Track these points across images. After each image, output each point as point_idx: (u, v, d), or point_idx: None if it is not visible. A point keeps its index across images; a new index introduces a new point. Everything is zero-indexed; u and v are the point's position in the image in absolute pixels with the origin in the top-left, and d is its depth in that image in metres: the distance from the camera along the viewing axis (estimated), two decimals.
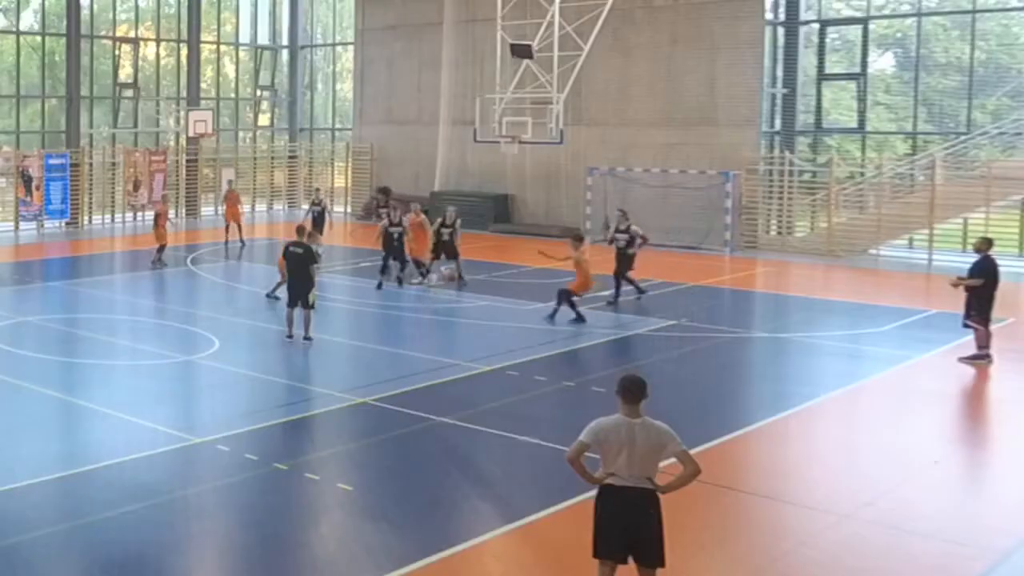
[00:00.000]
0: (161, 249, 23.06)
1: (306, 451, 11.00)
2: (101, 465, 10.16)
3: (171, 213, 33.06)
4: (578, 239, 17.91)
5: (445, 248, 20.87)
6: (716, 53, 27.24)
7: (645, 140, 28.37)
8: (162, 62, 35.32)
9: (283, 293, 16.41)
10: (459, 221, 21.31)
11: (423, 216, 21.79)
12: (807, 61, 28.73)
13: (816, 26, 28.62)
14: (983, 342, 14.50)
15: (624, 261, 19.06)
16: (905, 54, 28.12)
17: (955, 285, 14.77)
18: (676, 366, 14.53)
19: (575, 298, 17.14)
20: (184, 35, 34.74)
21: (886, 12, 28.94)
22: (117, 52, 33.75)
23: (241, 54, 37.59)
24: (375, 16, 34.52)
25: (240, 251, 25.90)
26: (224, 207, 27.93)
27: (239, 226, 26.65)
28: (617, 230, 19.36)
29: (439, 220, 21.18)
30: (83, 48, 32.52)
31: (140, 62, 34.37)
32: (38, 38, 32.51)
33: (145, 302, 19.42)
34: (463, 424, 11.54)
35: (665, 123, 28.13)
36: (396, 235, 20.43)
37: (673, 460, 6.77)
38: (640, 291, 19.16)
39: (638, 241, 19.20)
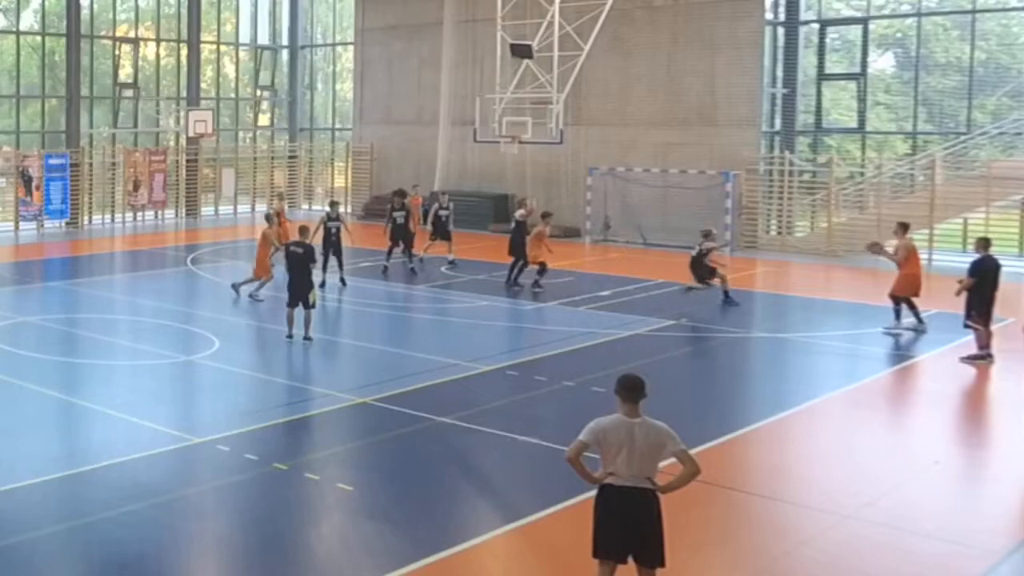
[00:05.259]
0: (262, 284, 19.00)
1: (306, 451, 11.00)
2: (101, 465, 10.16)
3: (171, 213, 33.21)
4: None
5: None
6: (716, 53, 27.23)
7: (645, 140, 28.37)
8: (162, 62, 35.31)
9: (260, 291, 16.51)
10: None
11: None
12: (807, 61, 28.73)
13: (816, 26, 28.62)
14: (984, 342, 14.50)
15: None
16: (905, 54, 28.12)
17: (958, 293, 14.75)
18: (676, 366, 14.53)
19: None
20: (184, 35, 34.72)
21: (886, 12, 28.94)
22: (117, 52, 33.74)
23: (241, 54, 37.59)
24: (375, 16, 34.52)
25: None
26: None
27: None
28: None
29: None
30: (83, 48, 32.50)
31: (140, 62, 34.37)
32: (38, 38, 32.49)
33: (145, 302, 19.40)
34: (463, 424, 11.54)
35: (665, 123, 28.13)
36: (334, 229, 20.20)
37: (673, 460, 6.77)
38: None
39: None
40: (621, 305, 18.67)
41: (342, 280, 20.16)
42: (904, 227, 16.72)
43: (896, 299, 16.29)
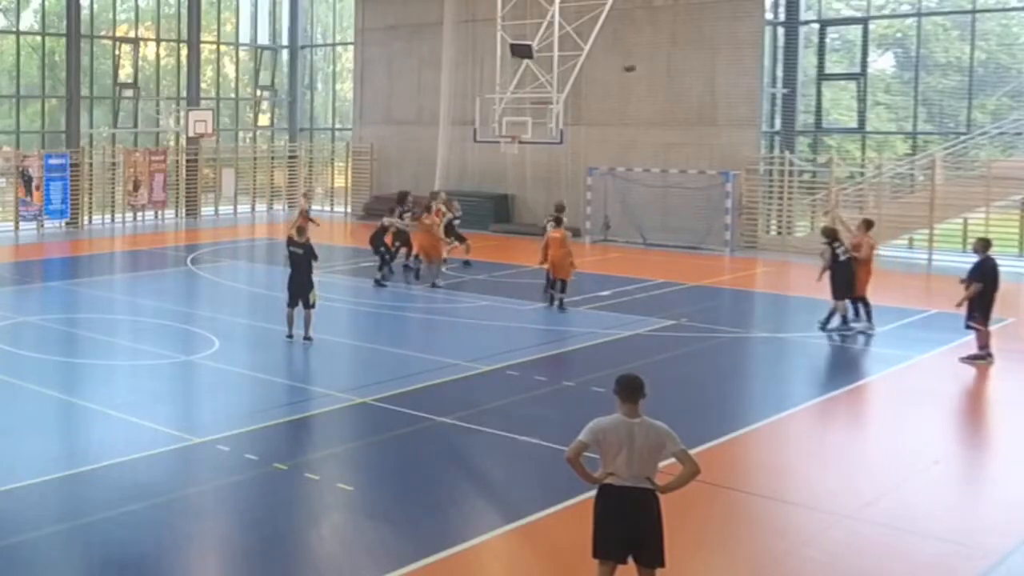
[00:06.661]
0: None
1: (306, 451, 11.00)
2: (101, 465, 10.16)
3: (171, 213, 33.21)
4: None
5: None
6: (716, 53, 27.23)
7: (645, 140, 28.36)
8: (162, 62, 35.30)
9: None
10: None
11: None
12: (807, 61, 28.72)
13: (816, 26, 28.61)
14: (983, 342, 14.51)
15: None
16: (905, 54, 28.11)
17: (960, 302, 14.70)
18: (676, 366, 14.52)
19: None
20: (184, 35, 34.72)
21: (886, 12, 28.93)
22: (117, 52, 33.73)
23: (241, 54, 37.58)
24: (375, 16, 34.51)
25: None
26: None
27: None
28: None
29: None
30: (83, 48, 32.49)
31: (140, 62, 34.36)
32: (38, 38, 32.49)
33: (145, 302, 19.40)
34: (463, 424, 11.54)
35: (665, 123, 28.13)
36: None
37: (673, 460, 6.77)
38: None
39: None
40: (621, 305, 18.67)
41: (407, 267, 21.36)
42: (868, 224, 17.01)
43: (860, 299, 16.41)
